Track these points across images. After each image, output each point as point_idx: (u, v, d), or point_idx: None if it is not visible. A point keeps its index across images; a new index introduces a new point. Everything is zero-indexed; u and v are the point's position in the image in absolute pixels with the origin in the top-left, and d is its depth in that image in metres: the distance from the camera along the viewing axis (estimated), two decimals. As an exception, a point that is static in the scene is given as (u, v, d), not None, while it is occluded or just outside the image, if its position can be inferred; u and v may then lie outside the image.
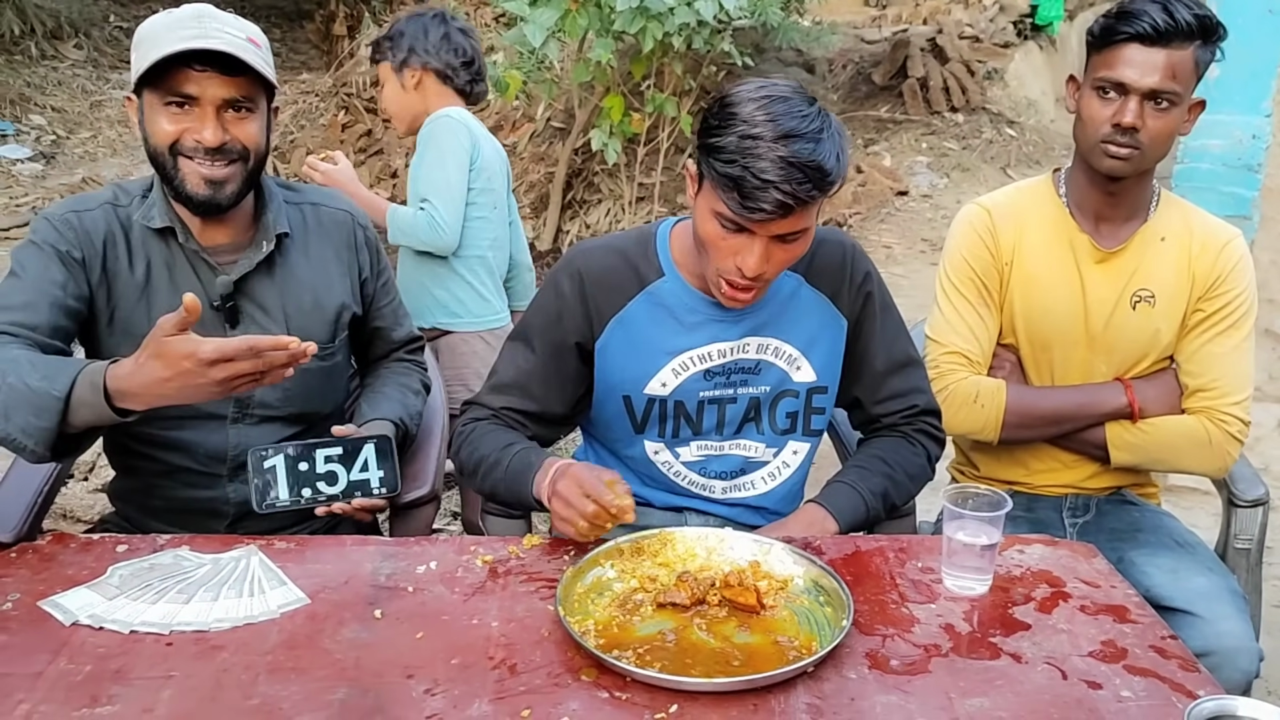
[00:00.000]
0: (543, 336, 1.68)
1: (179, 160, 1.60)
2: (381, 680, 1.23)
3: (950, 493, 1.48)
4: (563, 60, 5.58)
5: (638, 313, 1.66)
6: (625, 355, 1.67)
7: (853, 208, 5.65)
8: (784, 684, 1.23)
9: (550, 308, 1.67)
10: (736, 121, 1.43)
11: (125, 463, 1.77)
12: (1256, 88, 4.58)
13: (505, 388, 1.70)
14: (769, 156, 1.40)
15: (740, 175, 1.41)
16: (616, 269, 1.66)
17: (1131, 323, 1.88)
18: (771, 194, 1.40)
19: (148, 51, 1.56)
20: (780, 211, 1.42)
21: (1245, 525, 1.98)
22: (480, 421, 1.69)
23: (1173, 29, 1.68)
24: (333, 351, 1.80)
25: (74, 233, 1.62)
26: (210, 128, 1.59)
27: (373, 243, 1.87)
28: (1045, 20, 7.45)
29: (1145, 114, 1.73)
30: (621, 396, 1.69)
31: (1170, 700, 1.23)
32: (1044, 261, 1.89)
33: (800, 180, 1.40)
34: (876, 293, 1.72)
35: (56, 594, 1.38)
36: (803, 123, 1.42)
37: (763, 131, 1.41)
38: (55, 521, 3.03)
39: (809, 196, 1.42)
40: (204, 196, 1.62)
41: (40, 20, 8.93)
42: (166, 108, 1.59)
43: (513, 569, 1.48)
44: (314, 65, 9.52)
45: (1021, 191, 1.96)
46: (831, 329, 1.70)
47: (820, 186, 1.43)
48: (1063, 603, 1.44)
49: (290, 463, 1.62)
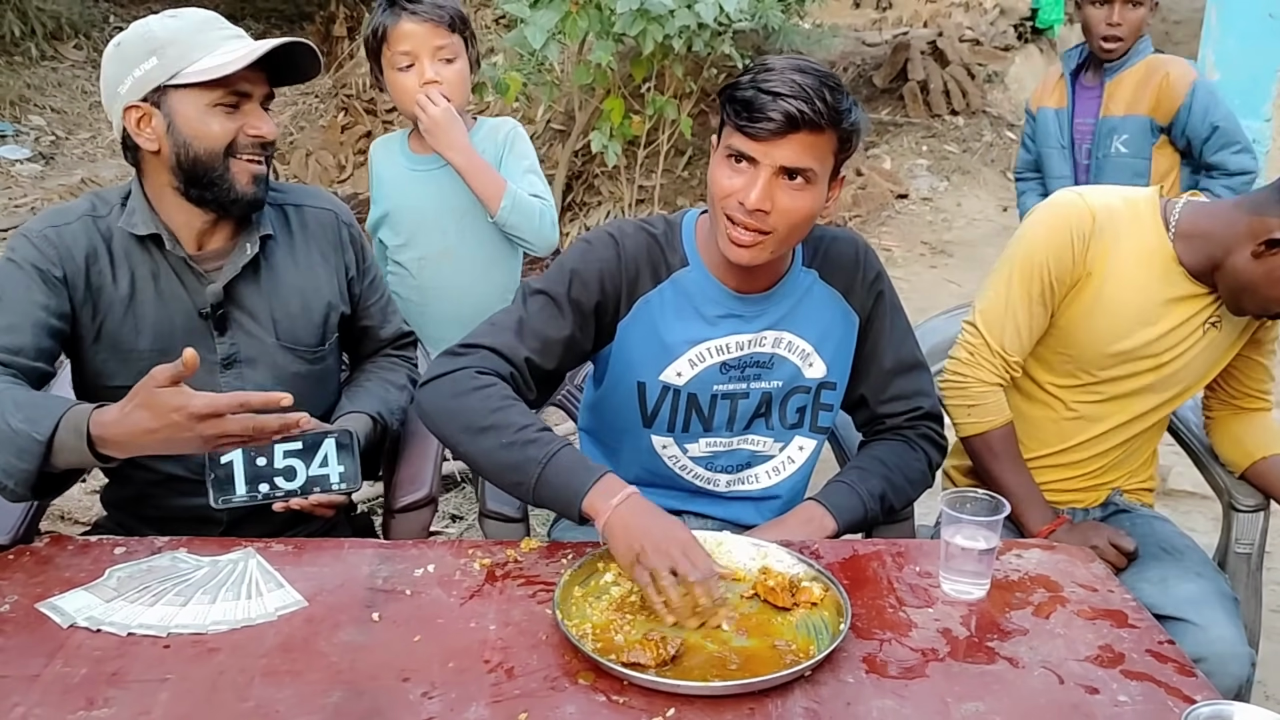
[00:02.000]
0: (575, 297, 1.61)
1: (229, 161, 1.59)
2: (378, 683, 1.23)
3: (948, 497, 1.48)
4: (563, 62, 5.58)
5: (662, 298, 1.65)
6: (645, 339, 1.65)
7: (853, 210, 5.65)
8: (781, 688, 1.23)
9: (589, 271, 1.62)
10: (758, 67, 1.49)
11: (118, 471, 1.74)
12: (1257, 92, 4.59)
13: (532, 338, 1.60)
14: (781, 77, 1.44)
15: (751, 95, 1.44)
16: (650, 249, 1.65)
17: (1198, 346, 1.84)
18: (780, 104, 1.42)
19: (187, 53, 1.55)
20: (788, 124, 1.43)
21: (1245, 530, 1.98)
22: (501, 380, 1.55)
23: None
24: (323, 355, 1.79)
25: (54, 249, 1.58)
26: (267, 122, 1.61)
27: (358, 241, 1.85)
28: (1046, 23, 7.45)
29: None
30: (636, 382, 1.67)
31: (1167, 705, 1.23)
32: (1131, 286, 1.80)
33: (808, 100, 1.43)
34: (887, 292, 1.73)
35: (54, 596, 1.38)
36: (818, 72, 1.47)
37: (779, 64, 1.47)
38: (53, 523, 3.02)
39: (816, 116, 1.43)
40: (253, 194, 1.62)
41: (40, 21, 8.93)
42: (216, 109, 1.57)
43: (510, 572, 1.48)
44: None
45: (1128, 203, 1.82)
46: (843, 325, 1.70)
47: (828, 114, 1.44)
48: (1060, 607, 1.44)
49: (248, 458, 1.60)
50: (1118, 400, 1.90)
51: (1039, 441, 1.96)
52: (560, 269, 1.63)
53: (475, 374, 1.54)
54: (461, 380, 1.53)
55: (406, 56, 2.16)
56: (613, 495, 1.42)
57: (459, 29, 2.21)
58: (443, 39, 2.16)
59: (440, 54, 2.17)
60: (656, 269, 1.65)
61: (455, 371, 1.55)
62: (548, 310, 1.61)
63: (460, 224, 2.28)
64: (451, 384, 1.54)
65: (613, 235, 1.65)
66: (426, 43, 2.15)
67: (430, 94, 2.18)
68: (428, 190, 2.29)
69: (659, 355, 1.66)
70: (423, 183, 2.29)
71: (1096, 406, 1.91)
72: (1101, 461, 1.96)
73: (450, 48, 2.19)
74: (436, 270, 2.29)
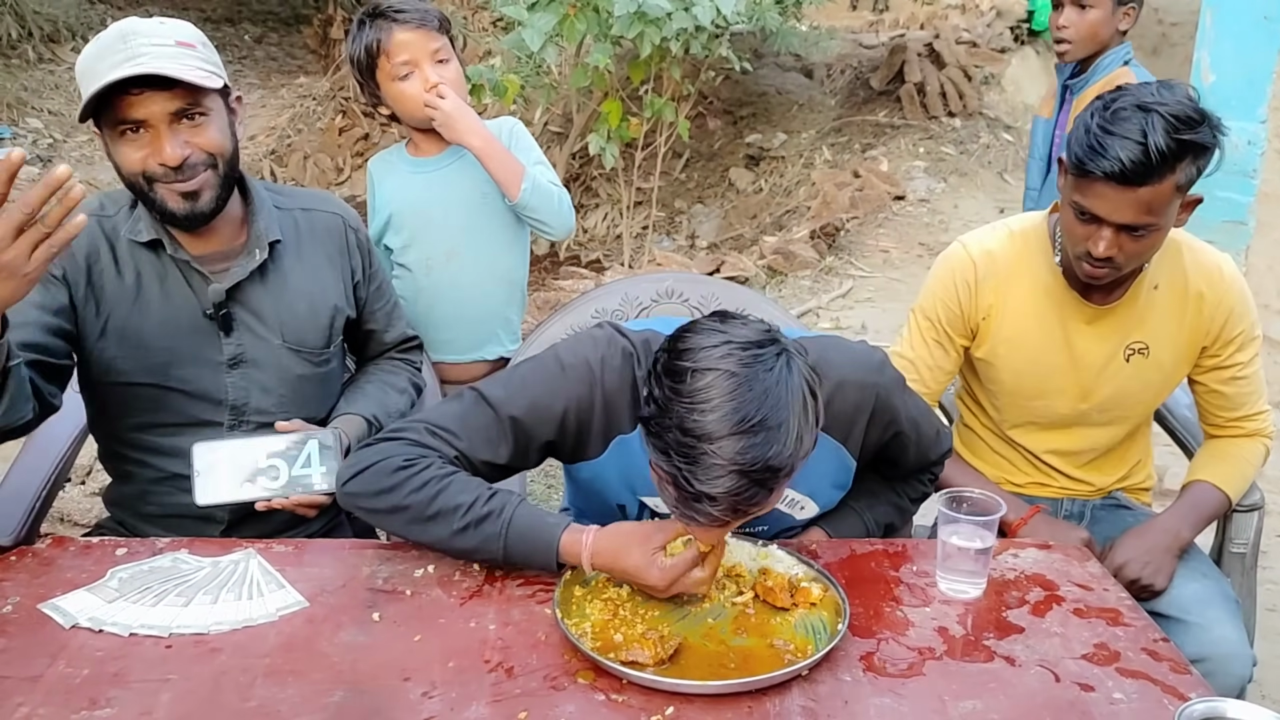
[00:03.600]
0: (523, 428, 1.47)
1: (154, 186, 1.59)
2: (378, 683, 1.24)
3: (944, 497, 1.49)
4: (561, 65, 5.59)
5: (641, 440, 1.42)
6: (623, 471, 1.54)
7: (850, 212, 5.66)
8: (779, 687, 1.24)
9: (552, 407, 1.47)
10: (679, 403, 1.23)
11: (120, 469, 1.77)
12: (1252, 94, 4.60)
13: (464, 448, 1.47)
14: (709, 464, 1.21)
15: (675, 477, 1.24)
16: (633, 390, 1.47)
17: (1124, 374, 1.85)
18: (709, 510, 1.24)
19: (87, 86, 1.53)
20: (723, 524, 1.29)
21: (1240, 530, 1.99)
22: (431, 452, 1.45)
23: (1144, 168, 1.54)
24: (327, 357, 1.80)
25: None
26: (168, 146, 1.55)
27: (364, 245, 1.86)
28: (1042, 26, 7.46)
29: (1122, 240, 1.63)
30: (614, 505, 1.60)
31: (1162, 703, 1.24)
32: (1030, 320, 1.85)
33: (745, 489, 1.22)
34: (906, 427, 1.59)
35: (56, 597, 1.39)
36: (757, 406, 1.21)
37: (710, 427, 1.21)
38: (53, 525, 3.03)
39: (757, 502, 1.25)
40: (185, 211, 1.60)
41: (38, 24, 8.94)
42: (123, 137, 1.57)
43: (510, 573, 1.48)
44: (311, 69, 9.52)
45: (1014, 238, 1.87)
46: (838, 469, 1.58)
47: (771, 486, 1.24)
48: (1056, 606, 1.45)
49: (232, 458, 1.61)
50: (1059, 431, 1.93)
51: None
52: (522, 387, 1.48)
53: (402, 459, 1.42)
54: (384, 469, 1.42)
55: (407, 65, 2.18)
56: (580, 546, 1.39)
57: (446, 30, 2.24)
58: (437, 42, 2.19)
59: (437, 56, 2.19)
60: (637, 408, 1.44)
61: (378, 463, 1.43)
62: (491, 431, 1.47)
63: (466, 222, 2.29)
64: (376, 477, 1.43)
65: (591, 367, 1.47)
66: (424, 48, 2.18)
67: (439, 90, 2.19)
68: (432, 190, 2.30)
69: (638, 485, 1.56)
70: (426, 183, 2.30)
71: (1039, 436, 1.95)
72: (1075, 471, 1.99)
73: (444, 49, 2.22)
74: (442, 270, 2.30)
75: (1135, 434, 1.98)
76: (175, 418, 1.67)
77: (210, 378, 1.68)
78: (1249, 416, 1.90)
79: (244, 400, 1.70)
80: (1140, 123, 1.55)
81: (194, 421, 1.68)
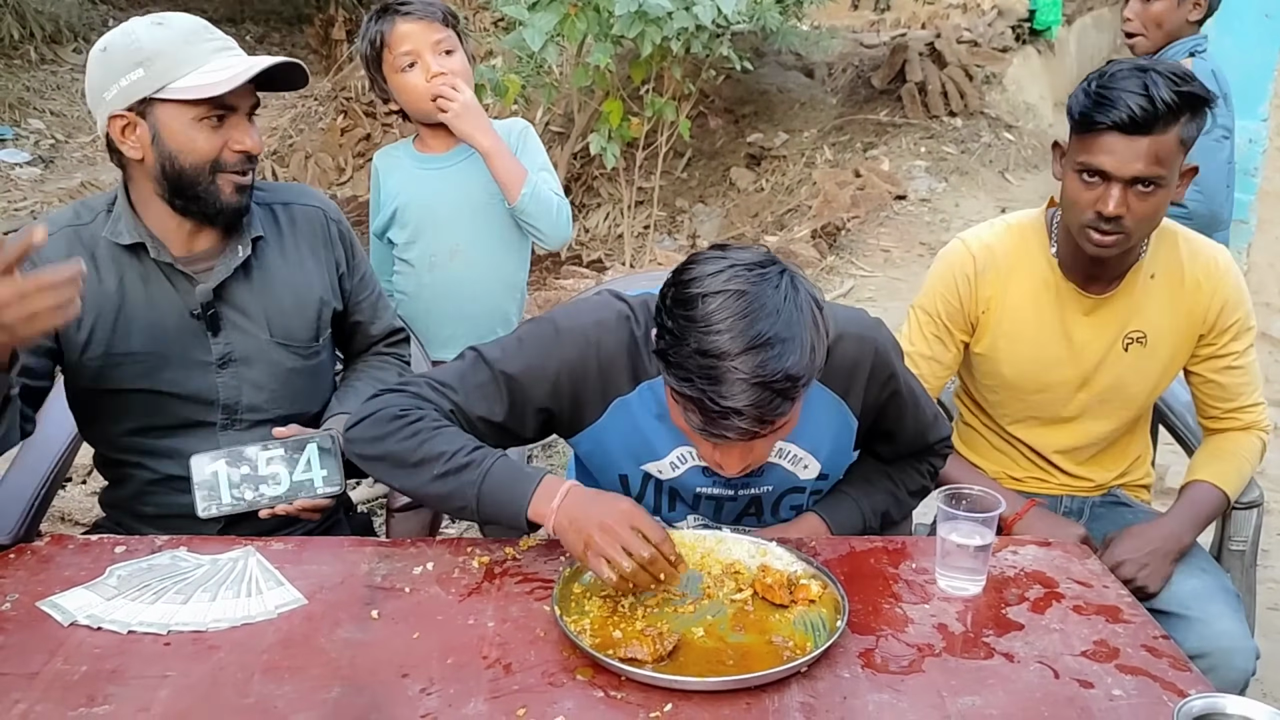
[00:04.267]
0: (520, 388, 1.50)
1: (216, 175, 1.59)
2: (377, 679, 1.24)
3: (944, 494, 1.49)
4: (562, 64, 5.59)
5: (641, 400, 1.54)
6: (625, 435, 1.56)
7: (851, 211, 5.65)
8: (778, 683, 1.24)
9: (545, 369, 1.50)
10: (693, 328, 1.28)
11: (116, 472, 1.76)
12: (1253, 92, 4.60)
13: (461, 405, 1.50)
14: (731, 379, 1.25)
15: (699, 398, 1.28)
16: (630, 352, 1.51)
17: (1124, 363, 1.86)
18: (736, 423, 1.28)
19: (174, 67, 1.53)
20: (748, 439, 1.32)
21: (1240, 527, 1.98)
22: (429, 405, 1.49)
23: (1152, 115, 1.59)
24: (317, 350, 1.79)
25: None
26: (252, 135, 1.61)
27: (347, 236, 1.85)
28: (1043, 25, 7.46)
29: (1130, 199, 1.65)
30: (617, 474, 1.61)
31: (1161, 699, 1.24)
32: (1029, 313, 1.86)
33: (768, 401, 1.26)
34: (903, 389, 1.61)
35: (55, 594, 1.39)
36: (768, 323, 1.26)
37: (724, 345, 1.25)
38: (53, 525, 3.03)
39: (780, 413, 1.29)
40: (236, 204, 1.62)
41: (39, 24, 8.95)
42: (202, 123, 1.56)
43: (509, 570, 1.48)
44: (313, 69, 9.51)
45: (1011, 231, 1.89)
46: (840, 426, 1.60)
47: (792, 396, 1.28)
48: (1055, 603, 1.45)
49: (231, 467, 1.61)
50: (1058, 426, 1.93)
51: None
52: (519, 348, 1.52)
53: (398, 409, 1.47)
54: (382, 417, 1.47)
55: (408, 56, 2.19)
56: (553, 497, 1.39)
57: (451, 24, 2.25)
58: (439, 33, 2.20)
59: (440, 47, 2.20)
60: (635, 371, 1.51)
61: (377, 412, 1.48)
62: (487, 389, 1.50)
63: (472, 220, 2.30)
64: (373, 425, 1.47)
65: (587, 333, 1.50)
66: (425, 38, 2.19)
67: (449, 82, 2.20)
68: (438, 187, 2.30)
69: (640, 451, 1.57)
70: (432, 180, 2.31)
71: (1038, 432, 1.95)
72: (1074, 467, 1.98)
73: (447, 40, 2.22)
74: (445, 268, 2.30)
75: (1134, 429, 1.98)
76: (167, 420, 1.67)
77: (200, 379, 1.67)
78: (1245, 408, 1.90)
79: (235, 399, 1.70)
80: (1140, 79, 1.61)
81: (186, 423, 1.68)
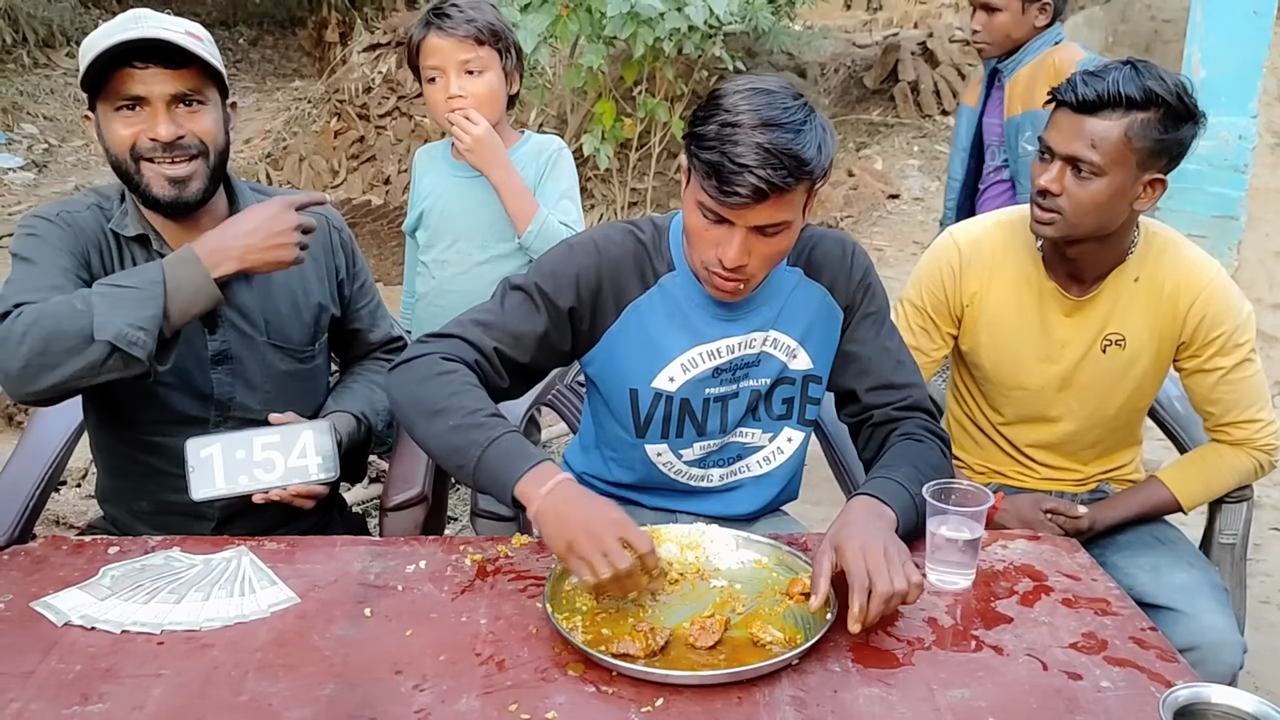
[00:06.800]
0: (550, 296, 1.62)
1: (140, 165, 1.60)
2: (370, 676, 1.24)
3: (933, 488, 1.50)
4: (554, 66, 5.61)
5: (651, 303, 1.65)
6: (637, 344, 1.65)
7: (844, 211, 5.67)
8: (768, 677, 1.25)
9: (564, 274, 1.62)
10: (720, 111, 1.45)
11: (112, 464, 1.77)
12: (1242, 89, 4.62)
13: (504, 331, 1.62)
14: (746, 142, 1.42)
15: (718, 161, 1.42)
16: (637, 254, 1.65)
17: (1101, 365, 1.87)
18: (747, 178, 1.41)
19: (86, 60, 1.55)
20: (755, 197, 1.43)
21: (1229, 521, 1.99)
22: (465, 365, 1.58)
23: (1097, 97, 1.64)
24: (312, 354, 1.80)
25: (70, 229, 1.61)
26: (162, 123, 1.57)
27: (348, 244, 1.86)
28: (1036, 23, 7.48)
29: (1067, 179, 1.69)
30: (629, 390, 1.68)
31: (1148, 690, 1.25)
32: (1011, 307, 1.88)
33: (776, 166, 1.41)
34: (876, 288, 1.73)
35: (49, 595, 1.39)
36: (784, 113, 1.44)
37: (743, 119, 1.43)
38: (48, 528, 3.03)
39: (785, 184, 1.43)
40: (170, 196, 1.61)
41: (32, 29, 8.95)
42: (118, 113, 1.58)
43: (501, 568, 1.49)
44: (306, 72, 9.55)
45: (1000, 227, 1.91)
46: (827, 319, 1.71)
47: (797, 175, 1.43)
48: (1044, 596, 1.46)
49: (226, 451, 1.62)
50: (1043, 424, 1.94)
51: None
52: (539, 268, 1.65)
53: (440, 359, 1.56)
54: (425, 366, 1.56)
55: (434, 70, 2.19)
56: (544, 483, 1.41)
57: (489, 42, 2.20)
58: (468, 53, 2.17)
59: (466, 67, 2.18)
60: (644, 274, 1.65)
61: (421, 357, 1.57)
62: (524, 306, 1.62)
63: (490, 235, 2.28)
64: (414, 370, 1.56)
65: (595, 241, 1.65)
66: (452, 57, 2.17)
67: (468, 114, 2.19)
68: (464, 199, 2.30)
69: (651, 360, 1.66)
70: (460, 190, 2.30)
71: (1023, 428, 1.96)
72: (1060, 462, 2.00)
73: (477, 61, 2.19)
74: (455, 279, 2.31)
75: (1122, 428, 1.98)
76: (162, 413, 1.68)
77: (196, 373, 1.68)
78: (1236, 424, 1.87)
79: (229, 396, 1.70)
80: (1121, 70, 1.66)
81: (181, 418, 1.68)
